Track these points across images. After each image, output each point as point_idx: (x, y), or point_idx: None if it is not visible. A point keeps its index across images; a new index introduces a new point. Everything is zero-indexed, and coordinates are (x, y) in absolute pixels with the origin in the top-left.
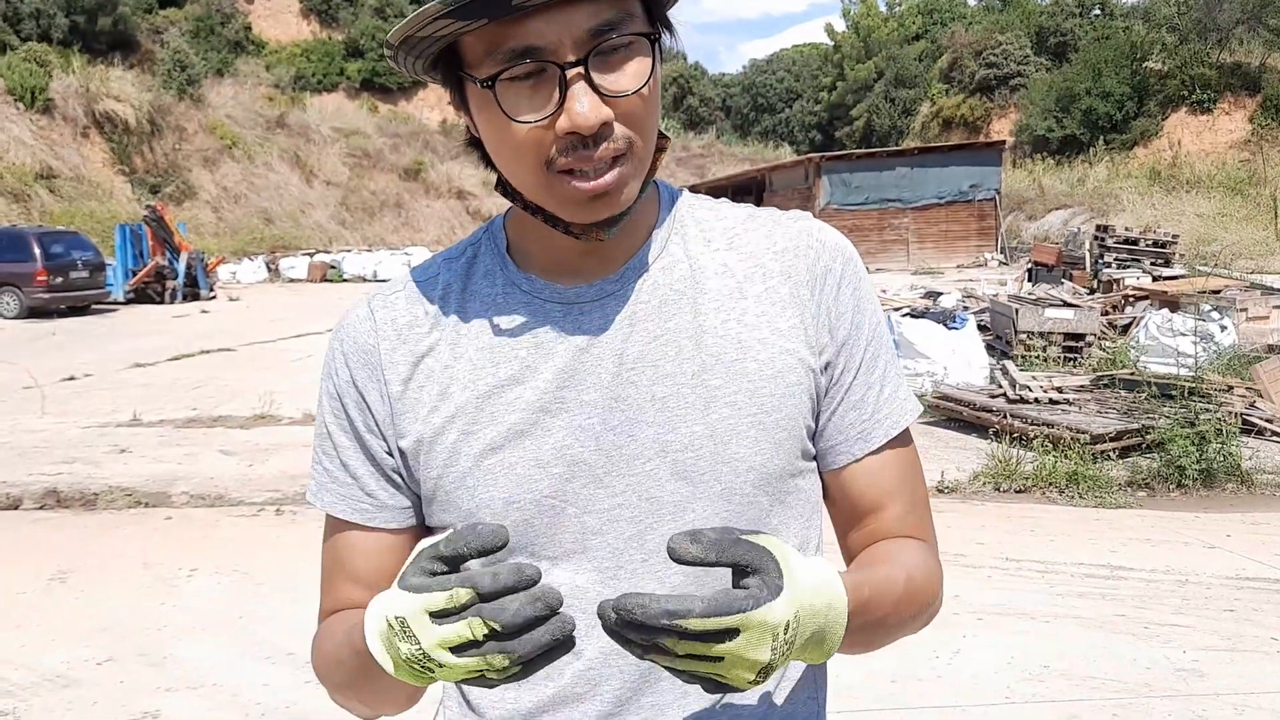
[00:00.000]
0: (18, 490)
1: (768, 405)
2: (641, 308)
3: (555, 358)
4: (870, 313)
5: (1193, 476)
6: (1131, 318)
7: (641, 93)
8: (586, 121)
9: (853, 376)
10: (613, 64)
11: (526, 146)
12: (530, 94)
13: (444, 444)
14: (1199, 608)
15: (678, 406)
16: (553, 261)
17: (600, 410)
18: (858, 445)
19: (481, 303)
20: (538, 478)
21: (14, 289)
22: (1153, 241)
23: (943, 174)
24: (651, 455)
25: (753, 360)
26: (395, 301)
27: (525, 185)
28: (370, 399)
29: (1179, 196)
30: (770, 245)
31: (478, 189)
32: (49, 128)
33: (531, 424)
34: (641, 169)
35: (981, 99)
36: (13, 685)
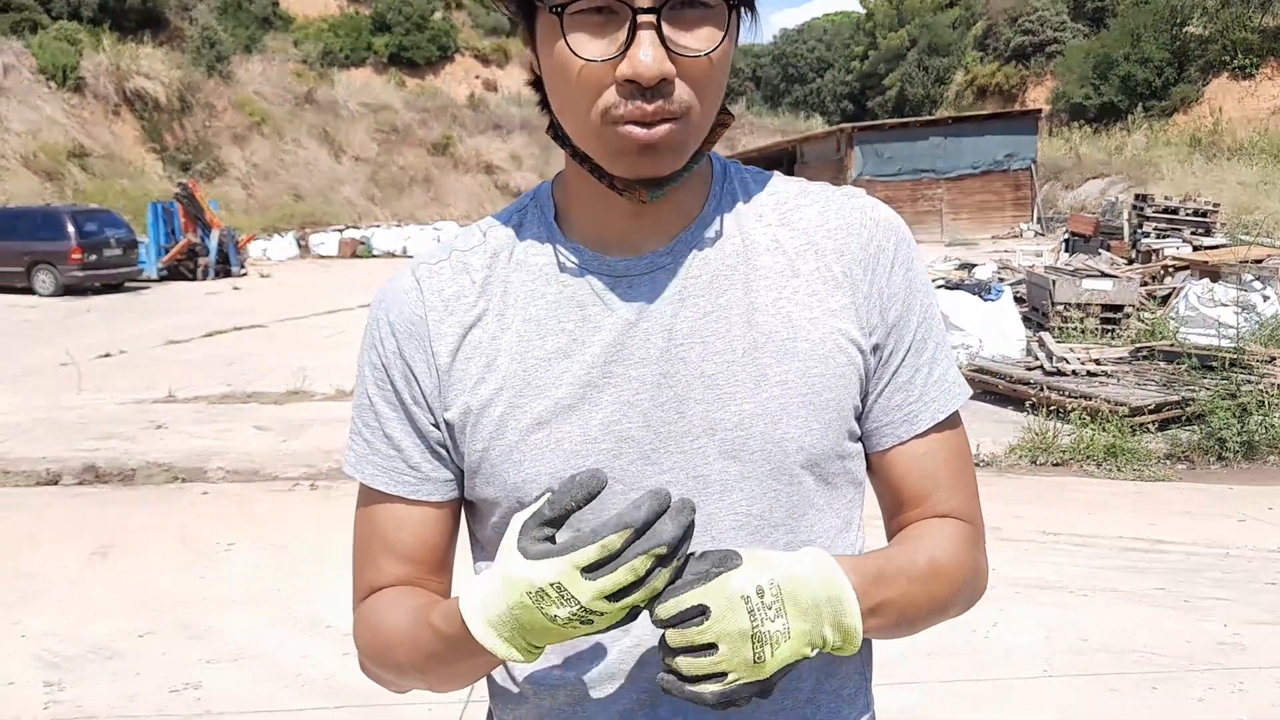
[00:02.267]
0: (57, 466)
1: (818, 385)
2: (692, 282)
3: (603, 331)
4: (922, 293)
5: (1234, 449)
6: (1171, 288)
7: (710, 56)
8: (649, 70)
9: (901, 358)
10: (686, 21)
11: (584, 86)
12: (598, 32)
13: (490, 416)
14: (1240, 581)
15: (728, 384)
16: (601, 230)
17: (649, 386)
18: (904, 428)
19: (528, 272)
20: (585, 453)
21: (49, 267)
22: (1193, 210)
23: (977, 143)
24: (700, 433)
25: (804, 340)
26: (440, 271)
27: (577, 129)
28: (417, 370)
29: (1220, 164)
30: (823, 222)
31: (506, 163)
32: (80, 106)
33: (579, 398)
34: (697, 137)
35: (1017, 66)
36: (58, 657)
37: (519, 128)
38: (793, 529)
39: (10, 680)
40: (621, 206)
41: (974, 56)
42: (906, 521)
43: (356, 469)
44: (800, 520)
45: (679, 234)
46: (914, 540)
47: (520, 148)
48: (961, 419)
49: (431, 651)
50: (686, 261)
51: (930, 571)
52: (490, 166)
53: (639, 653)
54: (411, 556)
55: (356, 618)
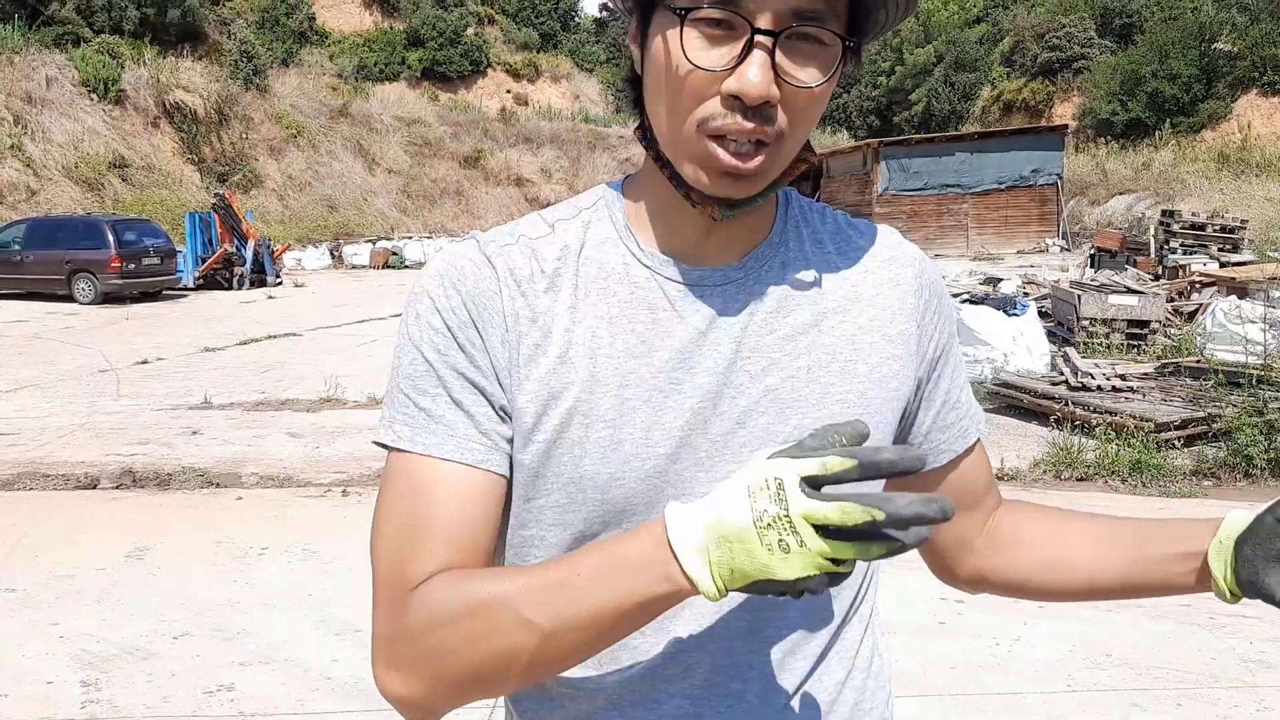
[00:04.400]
0: (95, 470)
1: (872, 408)
2: (762, 299)
3: (672, 338)
4: (954, 320)
5: (1261, 466)
6: (1198, 304)
7: (814, 90)
8: (755, 90)
9: (949, 380)
10: (801, 52)
11: (688, 93)
12: (714, 41)
13: (559, 408)
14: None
15: (790, 399)
16: (672, 239)
17: (712, 395)
18: (959, 443)
19: (601, 270)
20: (645, 456)
21: (89, 275)
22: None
23: (1003, 159)
24: (759, 444)
25: (864, 363)
26: (510, 253)
27: (669, 133)
28: (491, 345)
29: (1248, 181)
30: (874, 254)
31: (535, 176)
32: (121, 118)
33: (644, 401)
34: (780, 166)
35: (1044, 82)
36: (94, 657)
37: (549, 141)
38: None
39: (48, 679)
40: (694, 219)
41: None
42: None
43: (412, 440)
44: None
45: (749, 252)
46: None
47: (550, 161)
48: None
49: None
50: (756, 279)
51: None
52: (520, 179)
53: (683, 658)
54: (470, 542)
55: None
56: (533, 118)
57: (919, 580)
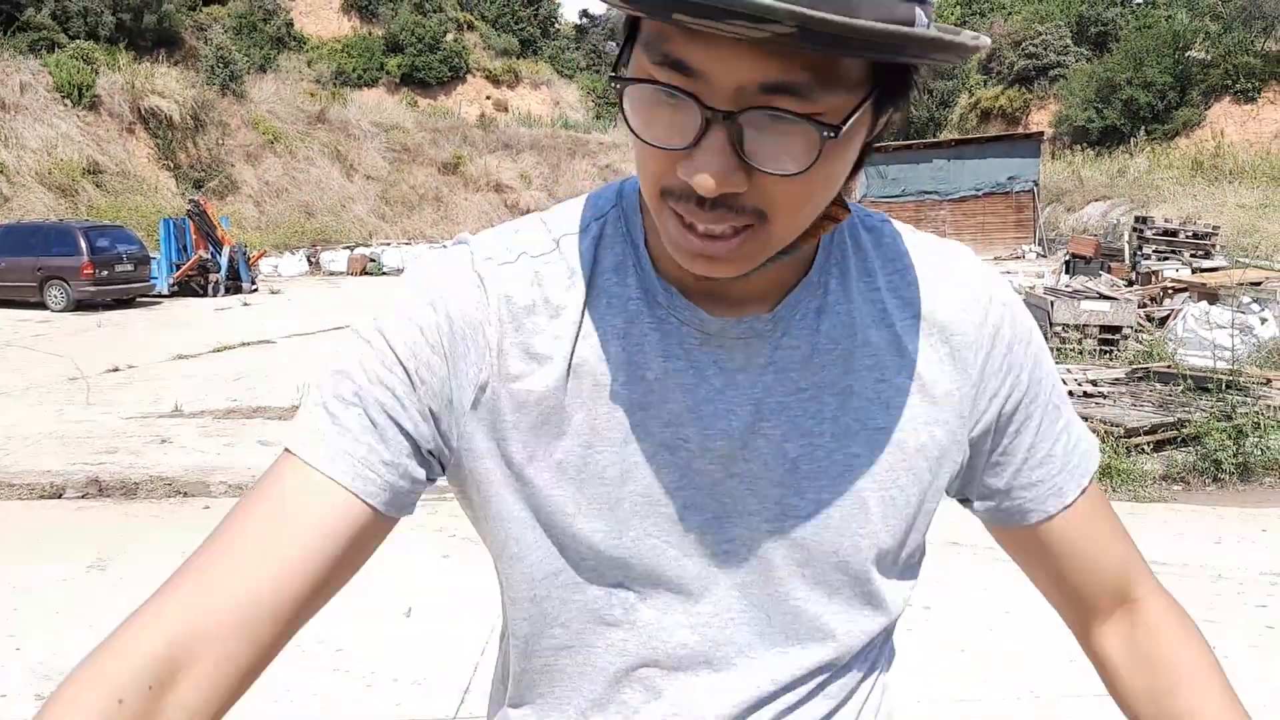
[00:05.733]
0: (61, 479)
1: (904, 482)
2: (789, 354)
3: (685, 392)
4: (1045, 364)
5: (1229, 470)
6: (1170, 310)
7: (800, 178)
8: (706, 185)
9: (1035, 433)
10: (775, 131)
11: (646, 163)
12: (669, 114)
13: (549, 461)
14: (1232, 604)
15: (810, 470)
16: (690, 275)
17: (724, 458)
18: (1051, 502)
19: (610, 304)
20: (646, 514)
21: (61, 282)
22: (1193, 233)
23: (980, 166)
24: (772, 516)
25: (899, 430)
26: (505, 276)
27: (644, 195)
28: (459, 378)
29: (1221, 187)
30: (937, 292)
31: (515, 182)
32: (95, 124)
33: (650, 457)
34: (773, 248)
35: (1020, 90)
36: (51, 670)
37: (528, 147)
38: (854, 621)
39: (2, 693)
40: None
41: (978, 80)
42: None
43: (306, 446)
44: (860, 613)
45: (782, 297)
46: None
47: (530, 167)
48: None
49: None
50: (786, 329)
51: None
52: (500, 185)
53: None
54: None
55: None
56: (512, 124)
57: None
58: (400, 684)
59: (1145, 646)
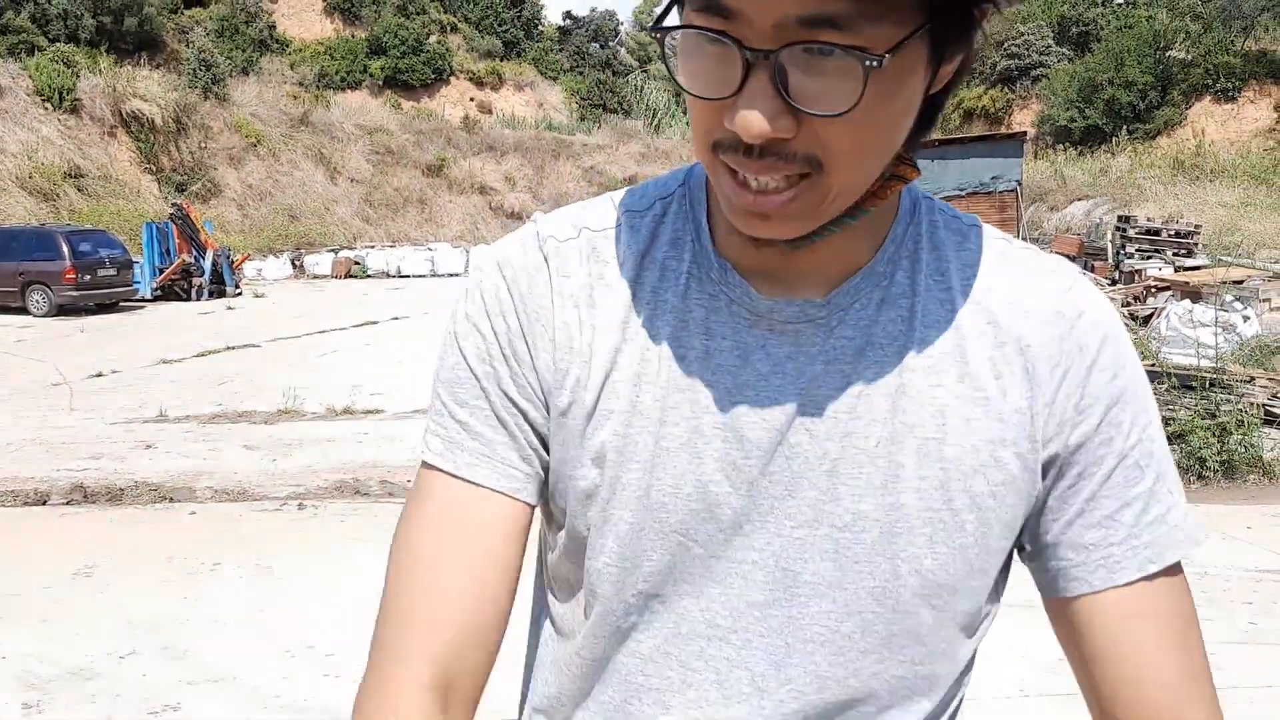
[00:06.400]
0: (46, 485)
1: (958, 504)
2: (842, 345)
3: (727, 374)
4: (1137, 407)
5: (1213, 468)
6: (1153, 309)
7: (846, 117)
8: (750, 130)
9: (1099, 484)
10: (821, 69)
11: (698, 117)
12: (713, 63)
13: (594, 442)
14: (1217, 600)
15: (850, 475)
16: (749, 252)
17: (761, 452)
18: (1099, 574)
19: (662, 276)
20: (670, 506)
21: (43, 287)
22: (1175, 232)
23: (963, 165)
24: (805, 521)
25: (953, 444)
26: (568, 254)
27: (698, 154)
28: (540, 360)
29: (1202, 186)
30: (1016, 300)
31: (499, 184)
32: (76, 127)
33: (682, 445)
34: (833, 204)
35: (1003, 90)
36: (37, 678)
37: (513, 149)
38: (884, 659)
39: None
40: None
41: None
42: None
43: (442, 455)
44: (900, 656)
45: (840, 283)
46: None
47: (514, 169)
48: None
49: None
50: (842, 319)
51: None
52: (484, 187)
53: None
54: (493, 575)
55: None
56: (496, 126)
57: None
58: None
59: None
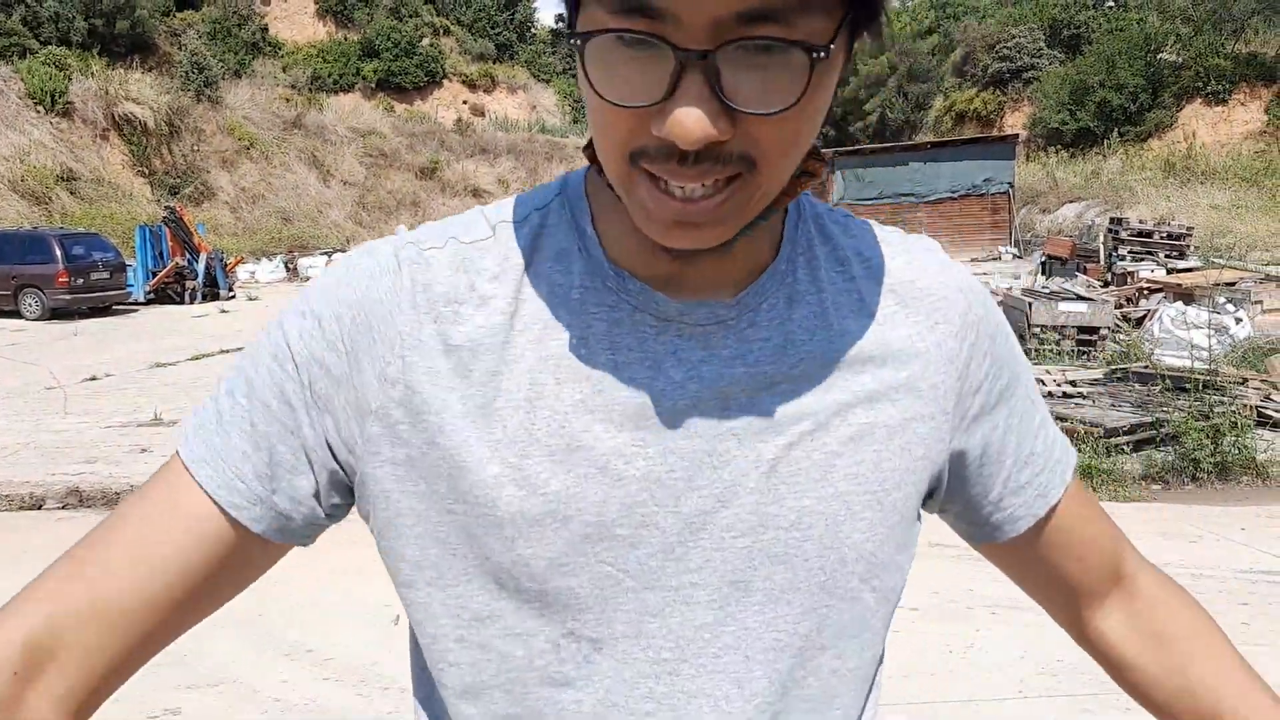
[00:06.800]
0: (41, 490)
1: (890, 482)
2: (759, 345)
3: (640, 387)
4: (1021, 358)
5: (1207, 470)
6: (1146, 311)
7: (786, 114)
8: (688, 136)
9: (1017, 436)
10: (757, 66)
11: (613, 130)
12: (637, 67)
13: (481, 478)
14: (1213, 602)
15: (789, 474)
16: (647, 259)
17: (688, 464)
18: (1039, 504)
19: (550, 292)
20: (597, 537)
21: (36, 290)
22: (1167, 234)
23: (956, 168)
24: (747, 529)
25: (881, 426)
26: (434, 261)
27: (607, 168)
28: (360, 381)
29: (1193, 188)
30: (914, 279)
31: (493, 186)
32: (69, 130)
33: (599, 469)
34: (758, 204)
35: (995, 92)
36: None
37: (505, 152)
38: (840, 653)
39: None
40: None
41: (953, 83)
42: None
43: (187, 443)
44: (851, 644)
45: (749, 282)
46: (1208, 646)
47: (507, 171)
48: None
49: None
50: (753, 320)
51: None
52: (477, 190)
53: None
54: (153, 575)
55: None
56: (489, 128)
57: None
58: (390, 692)
59: (1149, 622)
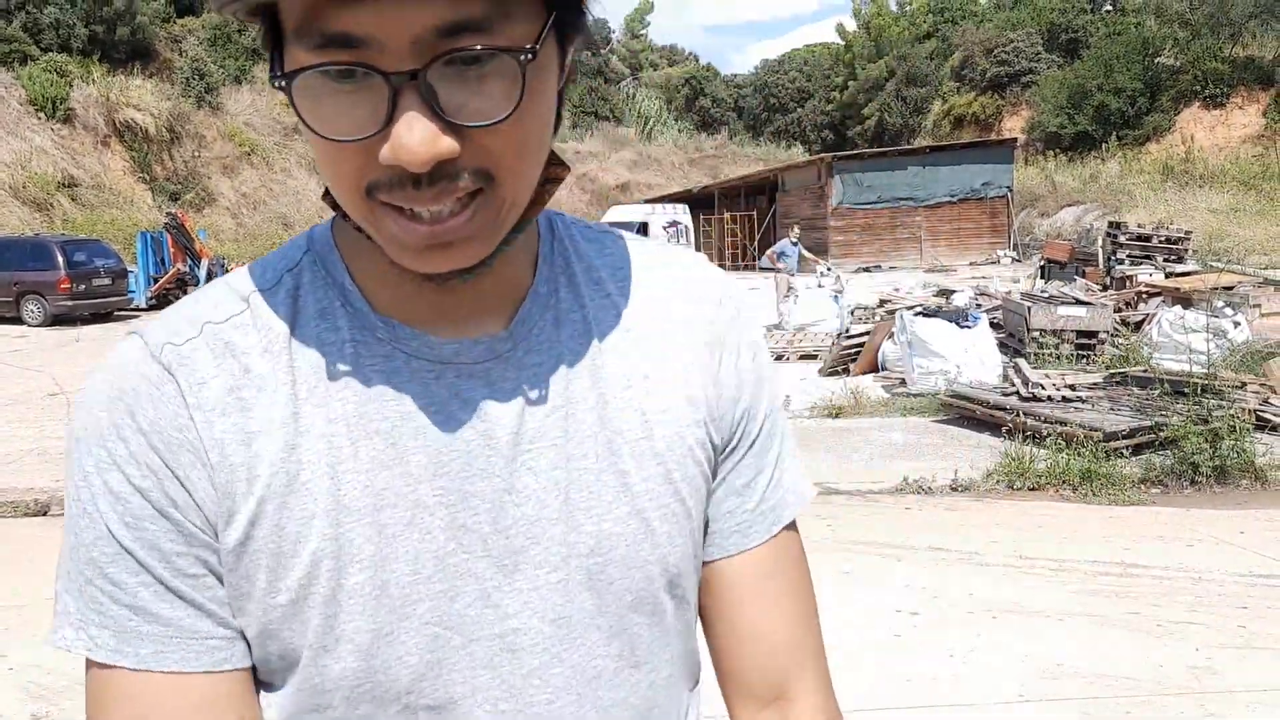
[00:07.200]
0: (45, 496)
1: (681, 491)
2: (536, 372)
3: (429, 436)
4: (771, 382)
5: (1206, 473)
6: (1144, 315)
7: (509, 122)
8: (415, 157)
9: (742, 456)
10: (471, 79)
11: (343, 167)
12: (350, 101)
13: (301, 556)
14: (1212, 605)
15: (585, 500)
16: (411, 304)
17: (490, 505)
18: (733, 539)
19: (322, 353)
20: (416, 597)
21: (38, 297)
22: (1165, 238)
23: (955, 172)
24: (557, 562)
25: (661, 437)
26: (194, 356)
27: (347, 209)
28: (199, 493)
29: (1192, 192)
30: (668, 295)
31: None
32: (70, 137)
33: (407, 525)
34: (508, 216)
35: (993, 96)
36: (44, 689)
37: None
38: (655, 667)
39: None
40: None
41: (951, 87)
42: (734, 659)
43: (118, 650)
44: (662, 654)
45: (515, 310)
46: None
47: None
48: (797, 529)
49: None
50: (529, 347)
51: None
52: None
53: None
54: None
55: None
56: None
57: (873, 594)
58: None
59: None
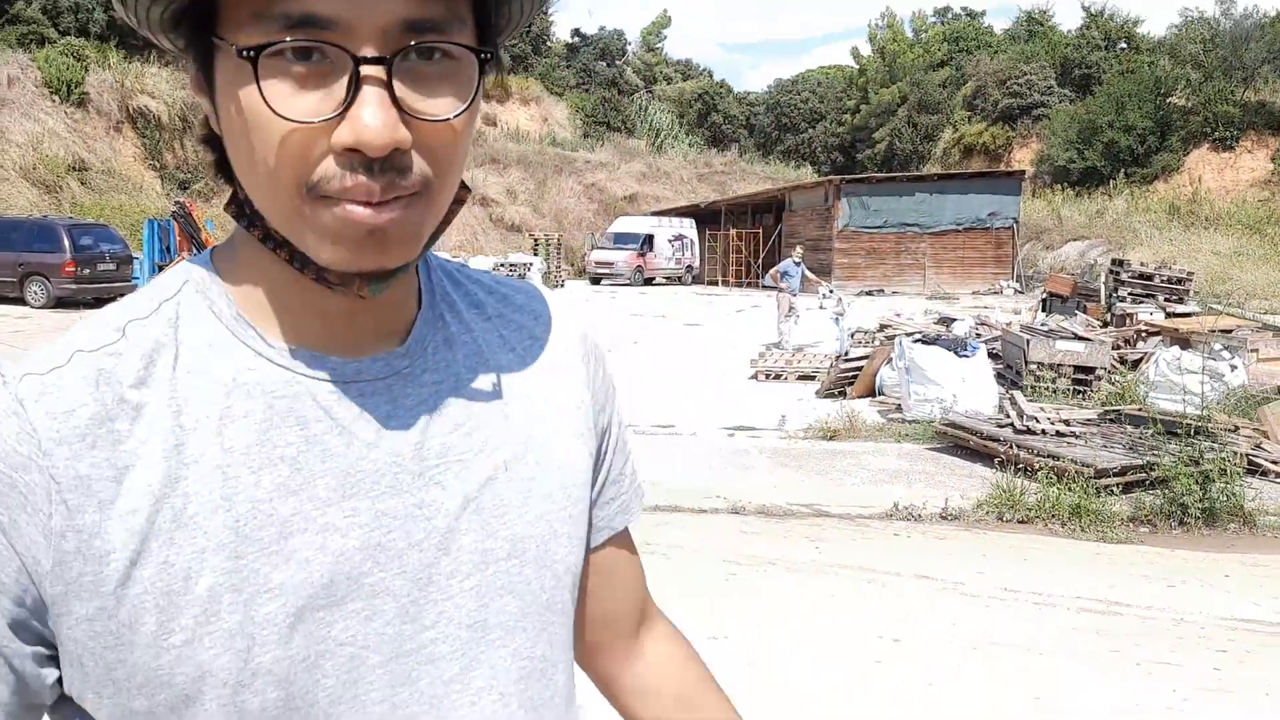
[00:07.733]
0: None
1: (575, 495)
2: (436, 389)
3: (335, 457)
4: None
5: (1195, 515)
6: (1143, 353)
7: (454, 124)
8: (377, 139)
9: (613, 452)
10: (425, 78)
11: (286, 155)
12: (305, 83)
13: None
14: (1192, 647)
15: (496, 507)
16: (305, 330)
17: (402, 521)
18: (619, 519)
19: (213, 384)
20: (332, 621)
21: (42, 279)
22: (1168, 278)
23: (962, 200)
24: (471, 570)
25: (558, 447)
26: (61, 385)
27: (274, 207)
28: (24, 541)
29: (1197, 233)
30: (535, 317)
31: (501, 196)
32: (83, 121)
33: (316, 549)
34: (433, 221)
35: (1004, 127)
36: None
37: (515, 162)
38: (566, 664)
39: None
40: (330, 299)
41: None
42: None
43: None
44: (566, 653)
45: (409, 330)
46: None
47: (516, 182)
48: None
49: None
50: (425, 364)
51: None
52: (486, 200)
53: None
54: None
55: None
56: (500, 138)
57: (856, 618)
58: None
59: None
